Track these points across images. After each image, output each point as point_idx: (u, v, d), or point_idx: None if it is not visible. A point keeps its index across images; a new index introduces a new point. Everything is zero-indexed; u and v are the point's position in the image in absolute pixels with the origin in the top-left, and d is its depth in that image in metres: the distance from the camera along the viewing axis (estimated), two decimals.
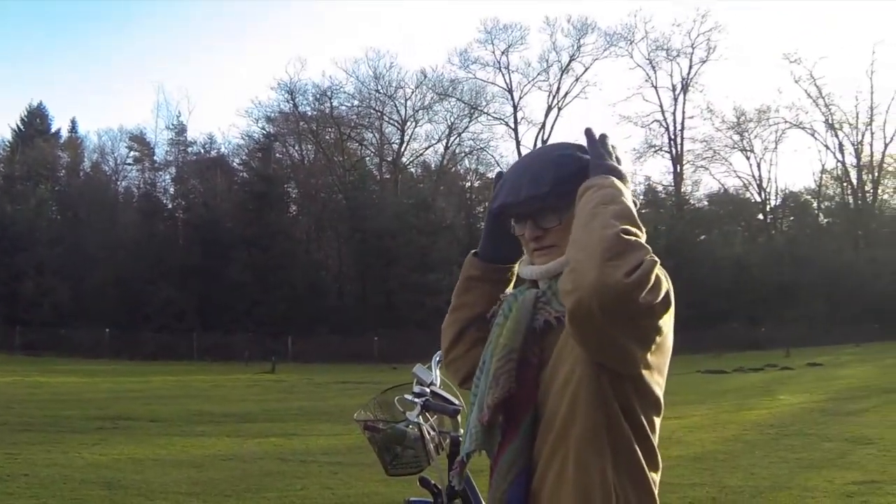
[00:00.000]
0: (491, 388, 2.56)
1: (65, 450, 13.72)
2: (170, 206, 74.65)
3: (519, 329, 2.59)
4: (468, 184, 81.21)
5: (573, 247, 2.30)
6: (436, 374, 4.51)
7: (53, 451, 13.55)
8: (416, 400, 4.36)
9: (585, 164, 2.60)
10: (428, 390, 4.41)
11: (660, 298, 2.30)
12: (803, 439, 14.53)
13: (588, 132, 2.59)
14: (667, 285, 2.41)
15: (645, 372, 2.48)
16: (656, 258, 2.26)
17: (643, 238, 2.31)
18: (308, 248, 71.84)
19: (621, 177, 2.50)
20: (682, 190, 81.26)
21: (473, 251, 2.97)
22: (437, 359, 4.65)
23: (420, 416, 4.30)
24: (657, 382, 2.57)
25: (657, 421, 2.58)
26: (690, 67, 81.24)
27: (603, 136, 2.59)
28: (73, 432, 16.30)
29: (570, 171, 2.60)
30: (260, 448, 14.63)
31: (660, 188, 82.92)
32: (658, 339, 2.47)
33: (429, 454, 4.28)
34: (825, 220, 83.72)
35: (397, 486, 4.33)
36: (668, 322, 2.51)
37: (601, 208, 2.31)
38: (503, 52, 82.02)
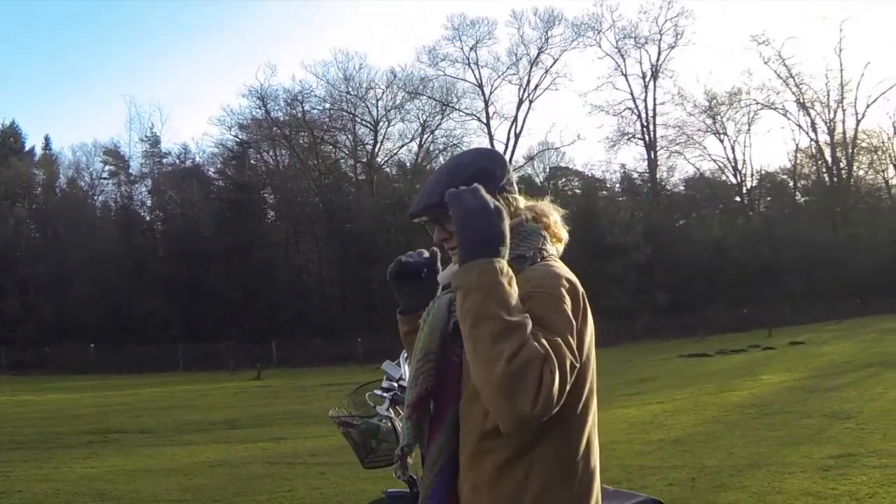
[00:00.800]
0: (411, 388, 2.78)
1: (56, 465, 13.85)
2: (148, 218, 74.54)
3: (434, 332, 2.78)
4: None
5: (475, 377, 2.40)
6: (404, 370, 4.65)
7: (45, 466, 13.69)
8: (385, 395, 4.52)
9: (478, 169, 2.83)
10: (396, 385, 4.56)
11: (567, 385, 2.42)
12: (783, 417, 14.69)
13: (449, 196, 2.62)
14: (570, 311, 2.56)
15: None
16: (537, 348, 2.34)
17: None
18: (288, 252, 71.89)
19: (490, 242, 2.53)
20: (658, 176, 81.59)
21: (399, 309, 3.25)
22: (405, 355, 4.83)
23: (390, 410, 4.42)
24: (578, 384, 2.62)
25: (579, 405, 2.64)
26: (659, 54, 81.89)
27: (475, 189, 2.62)
28: (63, 447, 16.42)
29: (460, 179, 2.76)
30: (248, 453, 14.76)
31: (635, 175, 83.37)
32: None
33: None
34: (802, 199, 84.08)
35: (384, 483, 4.50)
36: (585, 350, 2.64)
37: (476, 333, 2.39)
38: (471, 48, 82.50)
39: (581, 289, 2.71)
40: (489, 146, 76.32)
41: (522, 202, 2.98)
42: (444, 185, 2.76)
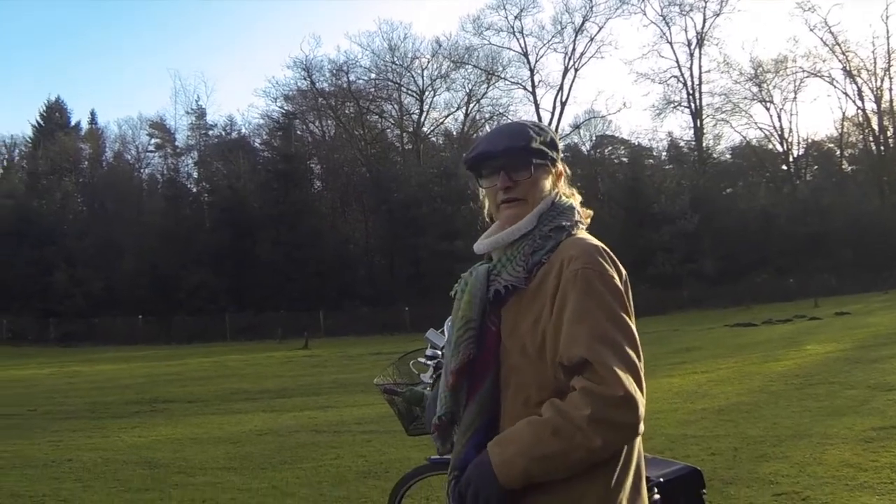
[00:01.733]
0: (453, 356, 2.83)
1: (106, 434, 14.07)
2: (194, 190, 75.01)
3: (474, 301, 2.84)
4: None
5: None
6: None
7: (95, 436, 13.91)
8: (429, 363, 4.59)
9: (552, 141, 2.91)
10: (440, 353, 4.61)
11: (640, 374, 2.59)
12: (827, 388, 14.59)
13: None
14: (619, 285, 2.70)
15: None
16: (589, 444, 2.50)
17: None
18: (335, 222, 71.93)
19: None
20: (704, 144, 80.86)
21: None
22: (449, 323, 4.90)
23: (434, 378, 4.48)
24: None
25: None
26: (704, 21, 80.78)
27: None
28: (112, 417, 16.65)
29: (544, 139, 2.88)
30: (295, 422, 14.89)
31: (681, 143, 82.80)
32: None
33: None
34: (849, 168, 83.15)
35: (429, 450, 4.53)
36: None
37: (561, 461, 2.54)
38: (516, 17, 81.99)
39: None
40: (535, 115, 76.41)
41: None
42: (527, 134, 2.85)
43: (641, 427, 2.55)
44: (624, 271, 2.77)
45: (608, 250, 2.77)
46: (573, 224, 2.88)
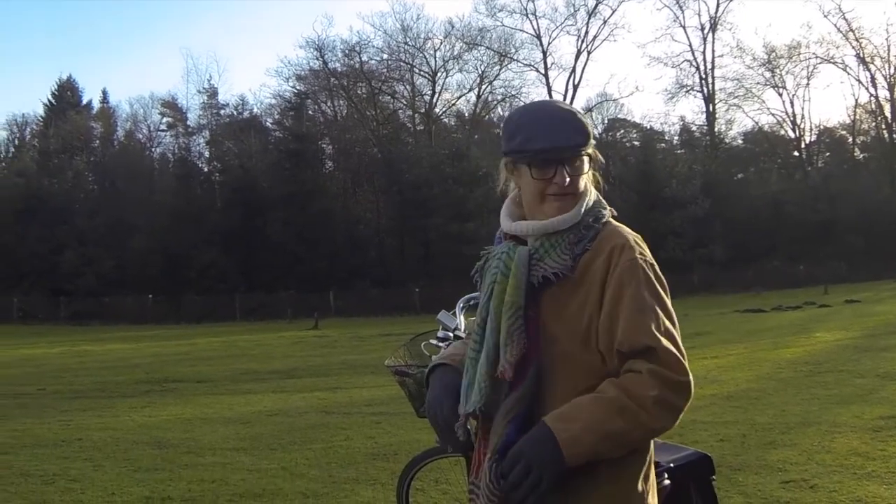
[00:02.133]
0: (507, 344, 2.74)
1: (115, 414, 14.13)
2: (206, 169, 75.12)
3: (520, 286, 2.77)
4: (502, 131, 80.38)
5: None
6: (460, 320, 4.73)
7: (104, 415, 13.97)
8: (441, 344, 4.59)
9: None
10: (451, 335, 4.63)
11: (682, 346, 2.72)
12: (836, 376, 14.58)
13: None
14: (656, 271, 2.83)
15: None
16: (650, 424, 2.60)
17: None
18: (346, 203, 71.71)
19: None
20: (716, 129, 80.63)
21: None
22: (461, 305, 4.91)
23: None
24: None
25: None
26: (718, 6, 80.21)
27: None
28: (122, 397, 16.76)
29: (593, 133, 2.88)
30: (305, 402, 14.95)
31: (694, 128, 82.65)
32: None
33: None
34: (861, 156, 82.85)
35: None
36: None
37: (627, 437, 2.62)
38: None
39: None
40: (548, 97, 76.21)
41: None
42: (587, 128, 2.83)
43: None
44: None
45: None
46: (608, 213, 2.91)
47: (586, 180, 2.88)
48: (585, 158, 2.84)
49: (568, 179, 2.79)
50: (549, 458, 2.54)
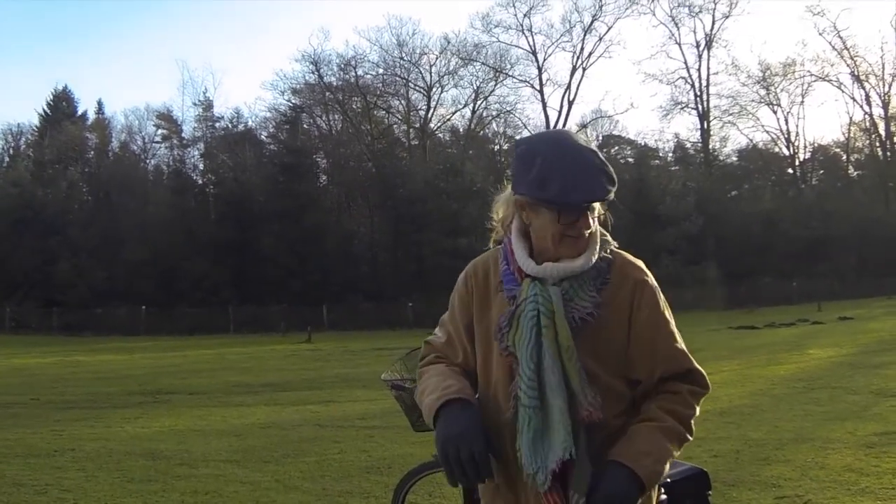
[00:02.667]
0: (584, 388, 2.75)
1: (108, 424, 14.11)
2: (200, 181, 74.72)
3: (567, 328, 2.76)
4: (496, 147, 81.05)
5: None
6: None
7: (97, 426, 13.94)
8: None
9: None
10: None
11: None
12: (829, 392, 14.63)
13: None
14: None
15: None
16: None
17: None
18: (339, 217, 71.80)
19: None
20: (711, 146, 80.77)
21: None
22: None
23: None
24: None
25: None
26: (713, 23, 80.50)
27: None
28: (114, 408, 16.72)
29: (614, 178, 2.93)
30: (298, 415, 14.95)
31: (688, 145, 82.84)
32: None
33: None
34: (855, 173, 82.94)
35: (433, 446, 4.52)
36: None
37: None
38: (525, 15, 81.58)
39: None
40: (542, 113, 76.47)
41: None
42: (612, 173, 2.90)
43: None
44: None
45: None
46: (610, 239, 3.02)
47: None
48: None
49: (588, 225, 2.86)
50: (635, 497, 2.70)
